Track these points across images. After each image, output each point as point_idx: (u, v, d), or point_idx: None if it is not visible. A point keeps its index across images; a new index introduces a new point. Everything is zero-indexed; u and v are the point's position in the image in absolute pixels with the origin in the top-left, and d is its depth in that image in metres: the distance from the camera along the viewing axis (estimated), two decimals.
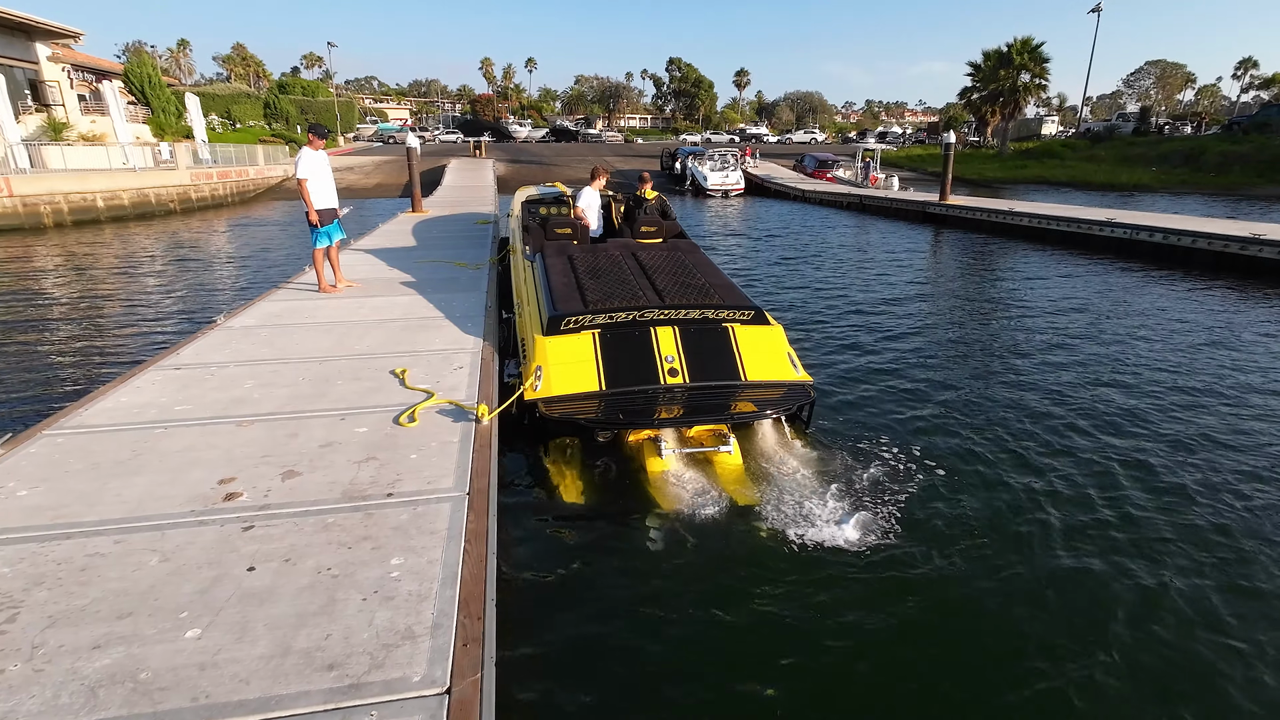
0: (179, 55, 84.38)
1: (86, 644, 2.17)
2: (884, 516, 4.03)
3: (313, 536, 2.77)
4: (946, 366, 6.99)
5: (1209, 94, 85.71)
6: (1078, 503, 4.31)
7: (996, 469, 4.72)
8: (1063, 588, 3.51)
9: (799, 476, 4.43)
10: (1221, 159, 34.38)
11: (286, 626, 2.25)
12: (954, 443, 5.12)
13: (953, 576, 3.55)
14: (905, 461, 4.78)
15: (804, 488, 4.29)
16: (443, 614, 2.31)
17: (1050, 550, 3.82)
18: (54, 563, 2.58)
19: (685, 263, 6.27)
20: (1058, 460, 4.87)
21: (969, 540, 3.88)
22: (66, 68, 28.96)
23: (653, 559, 3.64)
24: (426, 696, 1.98)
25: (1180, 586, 3.52)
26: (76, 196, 19.61)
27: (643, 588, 3.43)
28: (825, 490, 4.26)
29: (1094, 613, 3.33)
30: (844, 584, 3.44)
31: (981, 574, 3.59)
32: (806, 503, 4.10)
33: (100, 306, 9.77)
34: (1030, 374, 6.74)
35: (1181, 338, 8.06)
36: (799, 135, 71.99)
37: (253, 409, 4.11)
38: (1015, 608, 3.36)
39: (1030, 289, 10.95)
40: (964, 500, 4.30)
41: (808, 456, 4.74)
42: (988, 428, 5.41)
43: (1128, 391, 6.25)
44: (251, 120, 48.92)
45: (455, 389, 4.43)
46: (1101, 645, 3.11)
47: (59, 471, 3.31)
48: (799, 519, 3.94)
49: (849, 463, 4.70)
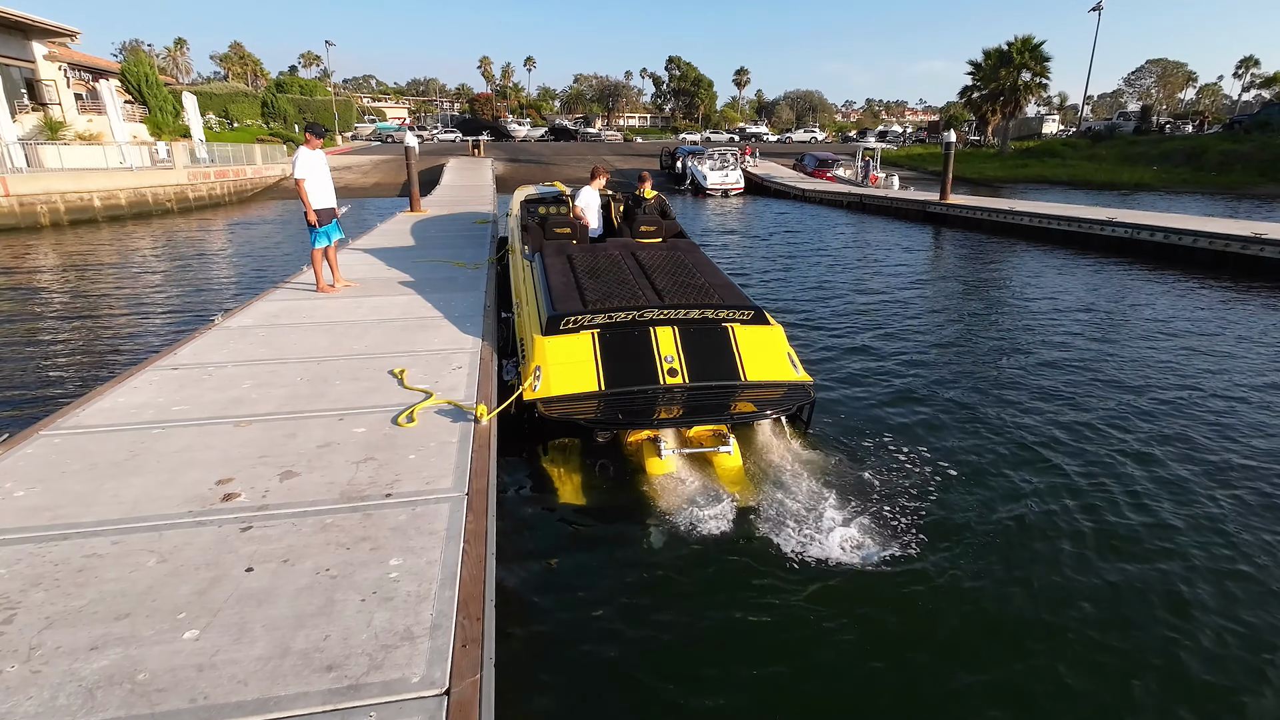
0: (176, 54, 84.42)
1: (84, 645, 2.16)
2: (884, 517, 4.04)
3: (311, 537, 2.77)
4: (947, 367, 7.00)
5: (1210, 93, 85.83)
6: (1080, 502, 4.32)
7: (998, 470, 4.72)
8: (1064, 589, 3.52)
9: (799, 477, 4.43)
10: (1223, 158, 34.40)
11: (285, 627, 2.25)
12: (954, 443, 5.12)
13: (954, 578, 3.55)
14: (905, 462, 4.78)
15: (804, 488, 4.29)
16: (442, 615, 2.31)
17: (1054, 552, 3.83)
18: (51, 563, 2.58)
19: (685, 262, 6.27)
20: (1061, 460, 4.87)
21: (970, 542, 3.88)
22: (63, 66, 28.93)
23: (652, 560, 3.65)
24: (426, 698, 1.98)
25: (1197, 590, 3.53)
26: (73, 196, 19.60)
27: (642, 589, 3.43)
28: (825, 491, 4.26)
29: (1108, 623, 3.34)
30: (844, 585, 3.45)
31: (984, 577, 3.59)
32: (807, 503, 4.10)
33: (97, 306, 9.77)
34: (1032, 374, 6.74)
35: (1184, 338, 8.06)
36: (799, 134, 72.07)
37: (250, 409, 4.10)
38: (1012, 610, 3.36)
39: (1031, 288, 10.95)
40: (965, 501, 4.31)
41: (808, 457, 4.75)
42: (989, 428, 5.42)
43: (1130, 391, 6.25)
44: (249, 119, 48.90)
45: (454, 389, 4.43)
46: (1121, 653, 3.12)
47: (56, 472, 3.31)
48: (799, 520, 3.94)
49: (849, 464, 4.70)
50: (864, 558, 3.64)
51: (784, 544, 3.73)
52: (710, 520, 3.93)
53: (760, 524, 3.90)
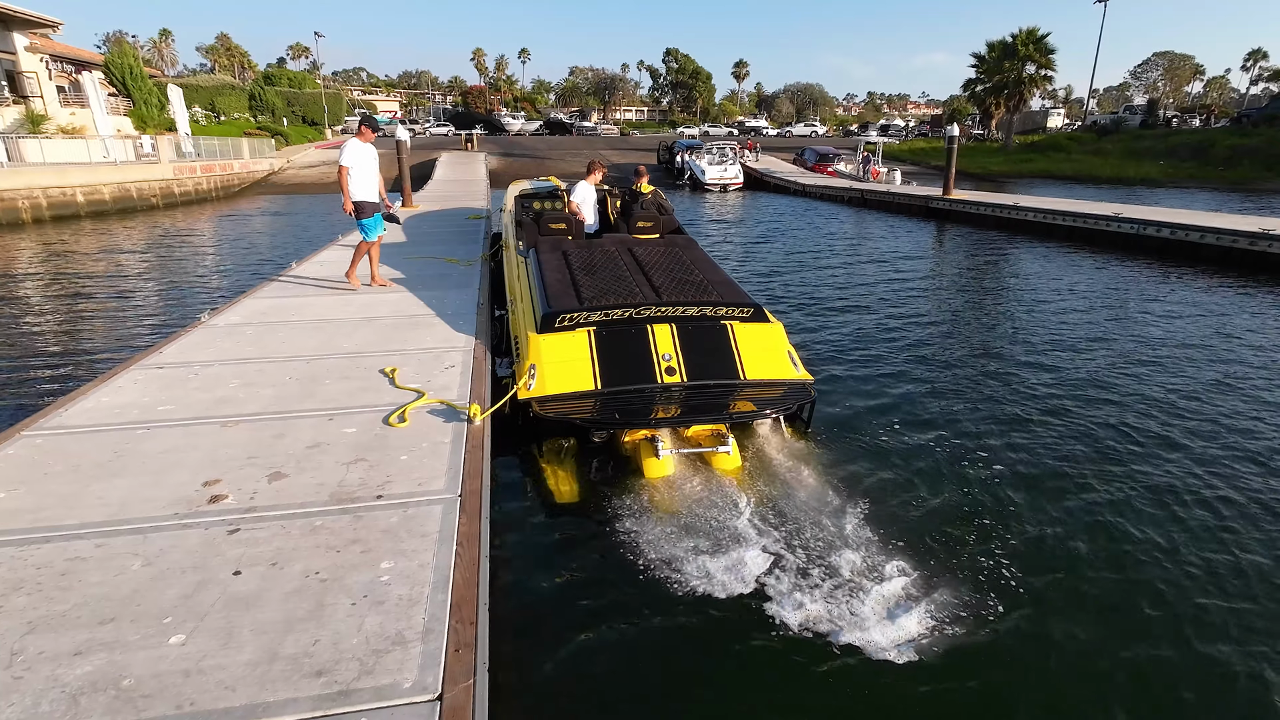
0: (161, 46, 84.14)
1: (67, 650, 2.16)
2: (886, 518, 4.04)
3: (300, 540, 2.77)
4: (950, 365, 7.01)
5: (1218, 86, 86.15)
6: (1081, 503, 4.33)
7: (1004, 471, 4.73)
8: (1068, 593, 3.53)
9: (799, 478, 4.44)
10: (1230, 153, 34.56)
11: (274, 632, 2.25)
12: (958, 443, 5.13)
13: (958, 579, 3.56)
14: (907, 462, 4.79)
15: (805, 489, 4.29)
16: (434, 618, 2.31)
17: (1053, 556, 3.84)
18: (33, 567, 2.57)
19: (683, 259, 6.28)
20: (1068, 462, 4.88)
21: (973, 543, 3.89)
22: (45, 58, 28.80)
23: (649, 562, 3.64)
24: (418, 703, 1.98)
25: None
26: (56, 191, 19.53)
27: (639, 592, 3.43)
28: (827, 492, 4.26)
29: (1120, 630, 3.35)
30: (845, 587, 3.45)
31: (986, 579, 3.60)
32: (807, 505, 4.11)
33: (80, 304, 9.73)
34: (1037, 373, 6.76)
35: (1190, 335, 8.09)
36: (799, 128, 72.18)
37: (238, 409, 4.09)
38: (1011, 610, 3.37)
39: (1035, 285, 10.98)
40: (969, 502, 4.32)
41: (808, 457, 4.75)
42: (994, 429, 5.43)
43: (1137, 389, 6.27)
44: (236, 113, 48.76)
45: (447, 388, 4.43)
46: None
47: (38, 473, 3.29)
48: (800, 521, 3.94)
49: (850, 464, 4.71)
50: (866, 560, 3.65)
51: (784, 547, 3.73)
52: (709, 522, 3.93)
53: (760, 525, 3.90)
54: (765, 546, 3.69)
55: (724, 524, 3.91)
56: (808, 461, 4.68)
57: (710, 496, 4.17)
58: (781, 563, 3.58)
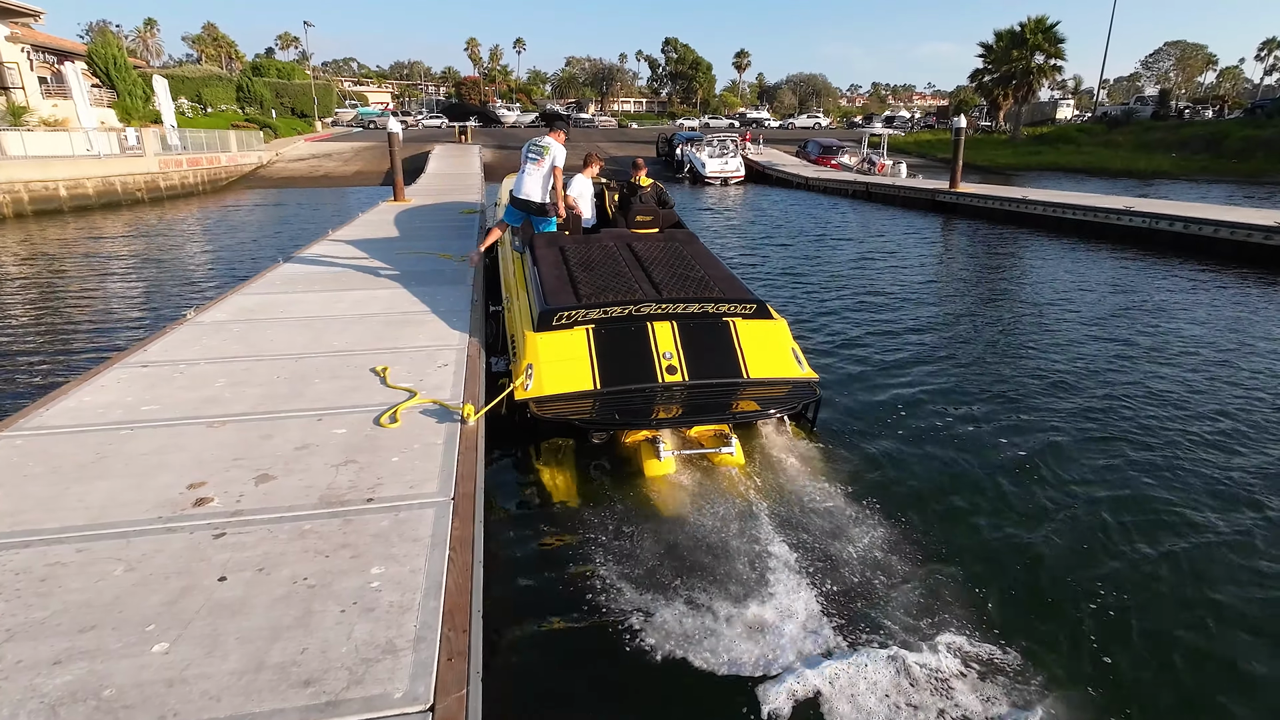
0: (146, 35, 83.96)
1: (46, 659, 2.14)
2: (891, 518, 4.03)
3: (288, 544, 2.74)
4: (958, 361, 7.00)
5: (1231, 76, 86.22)
6: (1088, 504, 4.32)
7: (1011, 472, 4.72)
8: (1080, 594, 3.52)
9: (805, 479, 4.42)
10: (1244, 144, 34.56)
11: (260, 640, 2.23)
12: (966, 442, 5.12)
13: (966, 583, 3.55)
14: (914, 462, 4.77)
15: (810, 491, 4.28)
16: (426, 626, 2.29)
17: (1062, 566, 3.83)
18: (11, 573, 2.55)
19: (683, 254, 6.25)
20: (1079, 463, 4.87)
21: (977, 545, 3.88)
22: (26, 48, 28.73)
23: (650, 567, 3.63)
24: (409, 714, 1.96)
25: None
26: (38, 185, 19.49)
27: (638, 598, 3.41)
28: (833, 493, 4.25)
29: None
30: (846, 588, 3.44)
31: (992, 583, 3.59)
32: (813, 506, 4.09)
33: (62, 301, 9.70)
34: (1047, 370, 6.75)
35: (1210, 336, 8.08)
36: (802, 120, 72.07)
37: (224, 409, 4.07)
38: (1010, 615, 3.36)
39: (1044, 280, 10.97)
40: (973, 503, 4.30)
41: (813, 457, 4.74)
42: (1001, 427, 5.42)
43: (1147, 386, 6.26)
44: (224, 104, 48.62)
45: (439, 388, 4.41)
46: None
47: (17, 475, 3.27)
48: (803, 523, 3.93)
49: (856, 464, 4.70)
50: (867, 560, 3.63)
51: (786, 548, 3.71)
52: (711, 525, 3.91)
53: (767, 531, 3.89)
54: (773, 553, 3.67)
55: (729, 529, 3.89)
56: (814, 462, 4.67)
57: (713, 499, 4.16)
58: (790, 571, 3.56)
